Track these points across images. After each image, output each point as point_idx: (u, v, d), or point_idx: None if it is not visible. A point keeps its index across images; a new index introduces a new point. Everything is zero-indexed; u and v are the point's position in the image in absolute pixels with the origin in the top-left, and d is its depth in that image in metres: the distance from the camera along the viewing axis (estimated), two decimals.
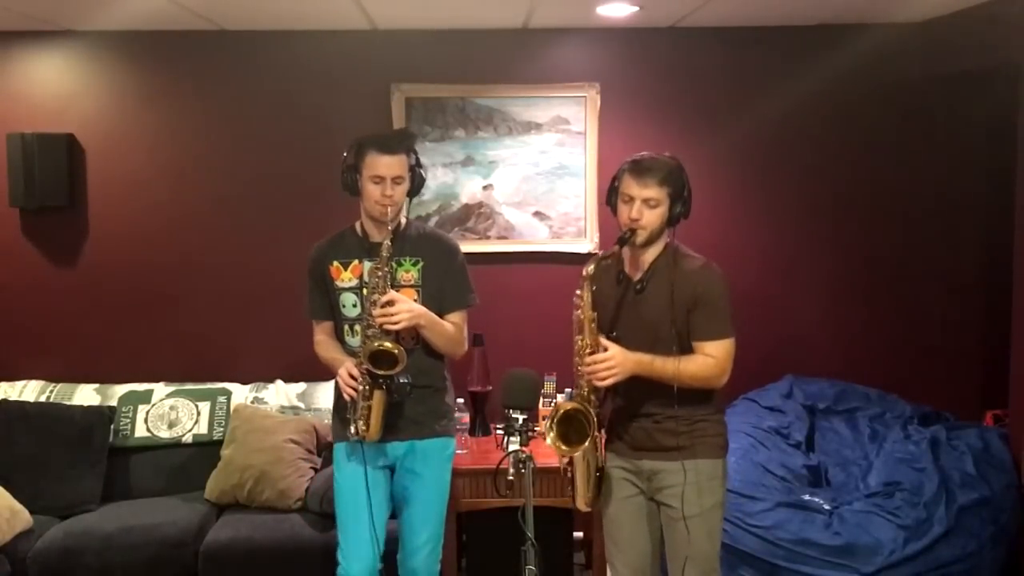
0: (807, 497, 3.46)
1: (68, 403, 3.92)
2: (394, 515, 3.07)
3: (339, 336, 3.02)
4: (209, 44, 4.11)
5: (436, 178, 4.17)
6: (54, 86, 4.12)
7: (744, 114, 4.18)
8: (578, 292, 2.59)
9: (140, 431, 3.92)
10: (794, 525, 3.33)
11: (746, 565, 3.33)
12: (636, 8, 3.71)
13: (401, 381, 2.82)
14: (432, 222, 4.17)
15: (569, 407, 2.56)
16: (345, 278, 2.95)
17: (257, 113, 4.14)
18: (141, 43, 4.10)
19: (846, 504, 3.46)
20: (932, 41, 4.09)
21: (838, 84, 4.17)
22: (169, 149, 4.16)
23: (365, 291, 2.90)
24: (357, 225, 3.01)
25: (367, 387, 2.81)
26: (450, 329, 2.98)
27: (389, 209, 2.84)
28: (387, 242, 2.83)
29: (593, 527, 3.72)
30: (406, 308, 2.82)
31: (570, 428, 2.57)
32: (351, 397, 2.82)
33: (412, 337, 2.90)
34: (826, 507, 3.41)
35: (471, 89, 4.14)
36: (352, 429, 2.84)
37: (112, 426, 3.85)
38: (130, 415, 3.93)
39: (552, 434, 2.55)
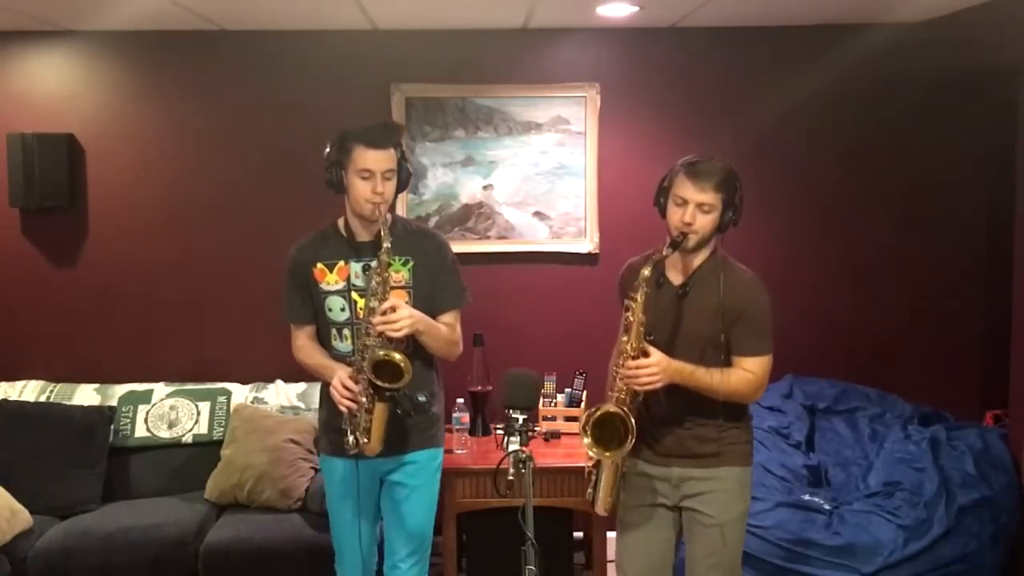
0: (807, 497, 3.47)
1: (68, 403, 3.92)
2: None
3: (323, 341, 2.90)
4: (209, 44, 4.11)
5: (436, 178, 4.18)
6: (54, 86, 4.12)
7: (744, 114, 4.18)
8: (631, 294, 2.51)
9: (140, 431, 3.92)
10: (794, 525, 3.33)
11: (746, 565, 3.31)
12: (636, 8, 3.70)
13: (420, 399, 2.69)
14: (432, 222, 4.16)
15: (608, 410, 2.49)
16: (331, 280, 2.82)
17: (257, 113, 4.14)
18: (141, 43, 4.10)
19: (846, 504, 3.46)
20: (932, 41, 4.09)
21: (838, 84, 4.16)
22: (169, 149, 4.16)
23: (355, 295, 2.78)
24: (340, 223, 2.88)
25: (369, 398, 2.67)
26: (446, 332, 2.87)
27: (380, 207, 2.70)
28: (386, 245, 2.67)
29: (593, 527, 3.73)
30: (407, 315, 2.67)
31: (605, 429, 2.51)
32: (349, 410, 2.69)
33: (406, 343, 2.76)
34: (826, 507, 3.42)
35: (471, 89, 4.14)
36: (351, 441, 2.70)
37: (112, 426, 3.85)
38: (130, 415, 3.93)
39: (588, 439, 2.48)
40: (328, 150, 2.79)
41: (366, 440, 2.69)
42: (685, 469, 2.64)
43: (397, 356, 2.64)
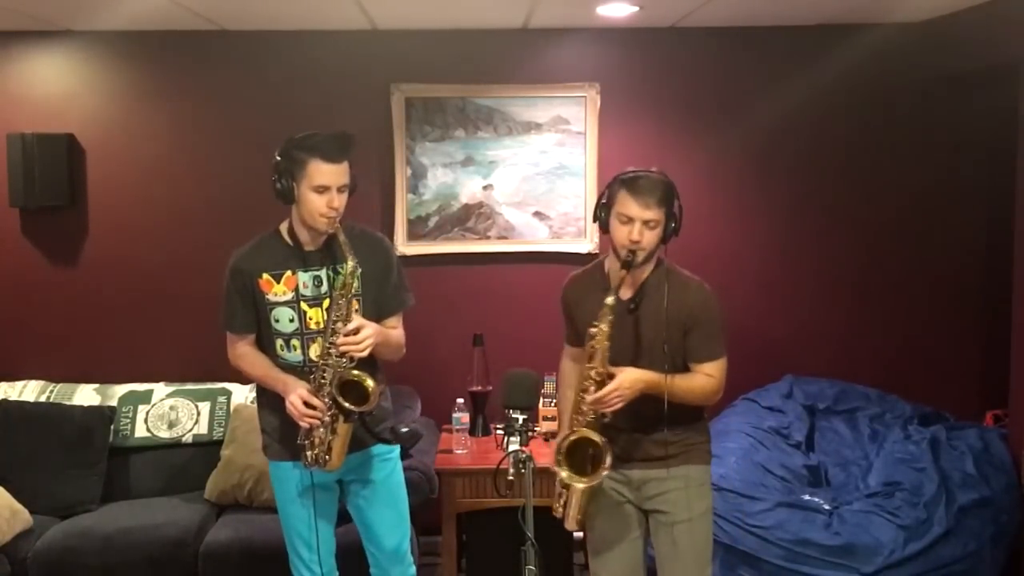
0: (807, 497, 3.46)
1: (68, 403, 3.92)
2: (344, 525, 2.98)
3: (265, 350, 2.79)
4: (209, 44, 4.11)
5: (436, 178, 4.18)
6: (54, 86, 4.12)
7: (744, 114, 4.18)
8: (595, 323, 2.52)
9: (140, 431, 3.92)
10: (794, 525, 3.33)
11: (746, 565, 3.33)
12: (636, 8, 3.71)
13: (403, 431, 2.72)
14: (432, 222, 4.17)
15: (582, 434, 2.50)
16: (278, 291, 2.72)
17: (257, 113, 4.14)
18: (141, 43, 4.10)
19: (846, 504, 3.46)
20: (932, 41, 4.09)
21: (838, 84, 4.17)
22: (169, 149, 4.17)
23: (304, 305, 2.71)
24: (283, 230, 2.77)
25: (332, 418, 2.62)
26: (397, 338, 2.82)
27: (335, 220, 2.63)
28: (351, 264, 2.61)
29: None
30: (370, 334, 2.63)
31: (575, 455, 2.53)
32: (310, 426, 2.63)
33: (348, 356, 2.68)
34: (826, 507, 3.41)
35: (471, 89, 4.14)
36: (309, 457, 2.66)
37: (112, 426, 3.85)
38: (130, 415, 3.93)
39: (563, 470, 2.50)
40: (278, 159, 2.68)
41: (327, 457, 2.66)
42: (645, 471, 2.65)
43: (370, 383, 2.61)
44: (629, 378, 2.49)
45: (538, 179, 4.19)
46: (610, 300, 2.50)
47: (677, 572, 2.65)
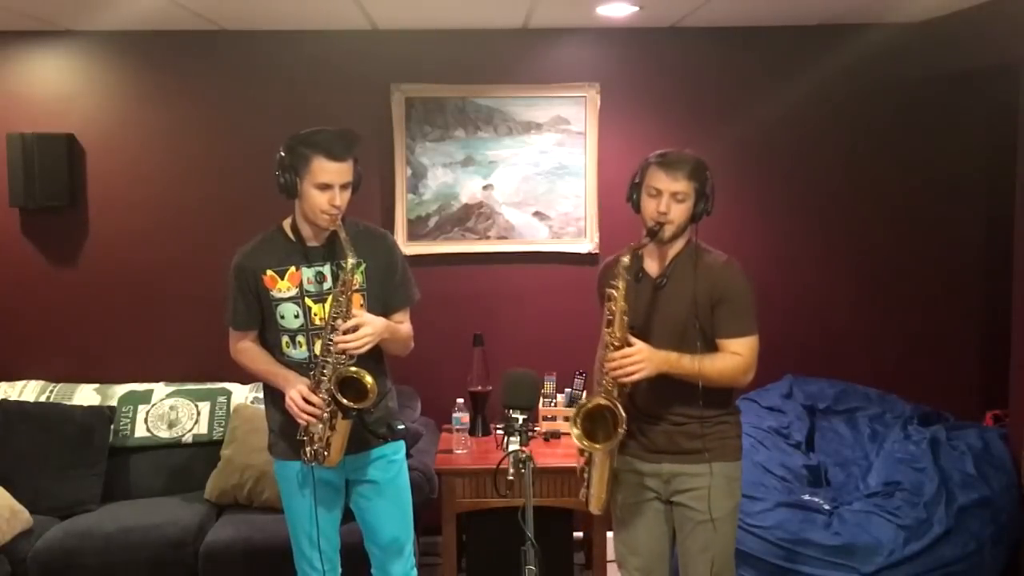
0: (807, 497, 3.46)
1: (68, 403, 3.92)
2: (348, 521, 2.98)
3: (272, 347, 2.80)
4: (209, 44, 4.11)
5: (436, 178, 4.18)
6: (54, 86, 4.12)
7: (744, 114, 4.18)
8: (612, 282, 2.53)
9: (140, 431, 3.92)
10: (794, 525, 3.33)
11: (746, 565, 3.32)
12: (636, 8, 3.71)
13: (399, 427, 2.74)
14: (432, 222, 4.17)
15: (597, 402, 2.50)
16: (283, 288, 2.73)
17: (257, 113, 4.14)
18: (141, 43, 4.10)
19: (846, 504, 3.46)
20: (932, 41, 4.09)
21: (838, 84, 4.17)
22: (169, 149, 4.16)
23: (308, 301, 2.71)
24: (286, 227, 2.79)
25: (330, 415, 2.63)
26: (405, 332, 2.84)
27: (336, 218, 2.65)
28: (352, 261, 2.61)
29: (593, 527, 3.73)
30: (370, 332, 2.63)
31: (595, 424, 2.52)
32: (308, 423, 2.64)
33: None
34: (826, 507, 3.42)
35: (471, 89, 4.14)
36: (308, 452, 2.68)
37: (112, 426, 3.86)
38: (130, 415, 3.93)
39: (577, 430, 2.50)
40: (282, 154, 2.69)
41: (326, 453, 2.67)
42: (675, 465, 2.65)
43: (369, 379, 2.60)
44: (647, 350, 2.48)
45: (538, 179, 4.19)
46: (625, 259, 2.51)
47: (702, 571, 2.65)
